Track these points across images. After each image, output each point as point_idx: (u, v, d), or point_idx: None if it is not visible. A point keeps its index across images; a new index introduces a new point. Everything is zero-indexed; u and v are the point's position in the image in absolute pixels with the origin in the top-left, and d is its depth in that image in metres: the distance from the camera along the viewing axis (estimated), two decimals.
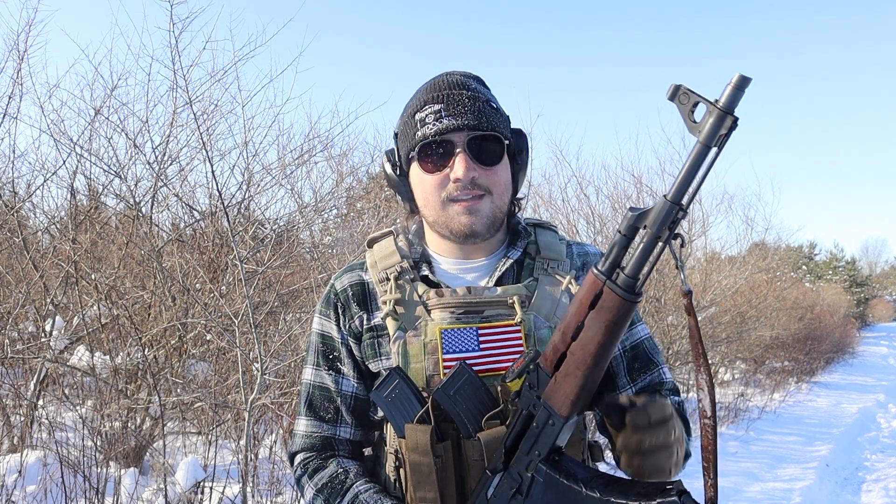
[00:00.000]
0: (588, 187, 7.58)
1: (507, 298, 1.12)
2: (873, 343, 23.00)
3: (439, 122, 1.10)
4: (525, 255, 1.21)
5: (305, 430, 1.22)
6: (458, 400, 1.02)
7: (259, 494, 3.70)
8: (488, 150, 1.12)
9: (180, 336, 4.54)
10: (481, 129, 1.10)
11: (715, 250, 9.58)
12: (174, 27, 3.73)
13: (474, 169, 1.10)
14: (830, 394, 11.32)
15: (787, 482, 5.67)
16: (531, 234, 1.24)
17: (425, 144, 1.11)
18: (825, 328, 15.52)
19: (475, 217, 1.12)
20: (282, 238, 5.27)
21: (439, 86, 1.15)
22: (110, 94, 4.74)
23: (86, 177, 5.14)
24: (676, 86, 0.79)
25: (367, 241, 1.26)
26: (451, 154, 1.11)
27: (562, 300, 1.15)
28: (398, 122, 1.20)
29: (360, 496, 1.11)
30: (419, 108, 1.13)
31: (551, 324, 1.12)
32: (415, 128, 1.13)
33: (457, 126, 1.09)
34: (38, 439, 4.09)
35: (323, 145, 5.47)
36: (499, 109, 1.16)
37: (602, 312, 0.86)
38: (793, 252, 25.65)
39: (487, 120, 1.11)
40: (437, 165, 1.12)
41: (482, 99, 1.13)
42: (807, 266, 32.12)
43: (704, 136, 0.77)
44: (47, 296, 4.50)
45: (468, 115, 1.10)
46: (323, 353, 1.22)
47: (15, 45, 4.39)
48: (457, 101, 1.11)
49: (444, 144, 1.11)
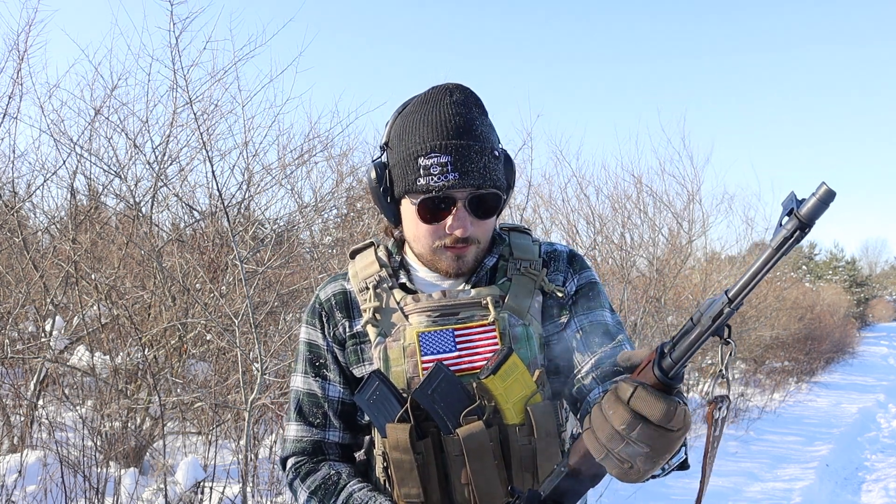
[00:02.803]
0: (588, 187, 7.59)
1: (480, 299, 1.15)
2: (873, 343, 23.00)
3: (444, 177, 1.08)
4: (499, 258, 1.23)
5: (295, 434, 1.25)
6: (436, 398, 1.06)
7: (259, 494, 3.70)
8: (487, 206, 1.13)
9: (180, 336, 4.54)
10: (485, 188, 1.11)
11: (715, 250, 9.59)
12: (174, 27, 3.73)
13: (471, 224, 1.13)
14: (830, 394, 11.33)
15: (787, 482, 5.67)
16: (505, 239, 1.26)
17: (427, 198, 1.11)
18: (825, 328, 15.52)
19: (461, 262, 1.16)
20: (282, 238, 5.27)
21: (446, 130, 1.10)
22: (110, 94, 4.74)
23: (86, 177, 5.14)
24: (791, 193, 0.75)
25: (350, 253, 1.30)
26: (451, 207, 1.12)
27: (535, 299, 1.18)
28: (393, 140, 1.16)
29: (355, 495, 1.14)
30: (424, 152, 1.09)
31: (525, 321, 1.15)
32: (417, 172, 1.10)
33: (462, 184, 1.09)
34: (38, 439, 4.09)
35: (323, 145, 5.49)
36: (499, 157, 1.15)
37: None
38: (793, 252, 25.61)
39: (491, 176, 1.11)
40: (434, 216, 1.13)
41: (487, 150, 1.12)
42: (807, 266, 32.11)
43: (777, 240, 0.74)
44: (47, 296, 4.50)
45: (475, 175, 1.09)
46: (310, 360, 1.26)
47: (15, 45, 4.38)
48: (465, 156, 1.09)
49: (445, 200, 1.11)
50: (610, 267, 7.20)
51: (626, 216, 7.67)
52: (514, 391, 1.06)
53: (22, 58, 4.35)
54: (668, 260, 7.55)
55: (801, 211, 0.71)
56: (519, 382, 1.07)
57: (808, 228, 0.71)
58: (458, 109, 1.12)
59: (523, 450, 1.08)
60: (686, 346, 0.80)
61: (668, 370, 0.81)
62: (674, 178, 7.85)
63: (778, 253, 0.74)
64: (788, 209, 0.73)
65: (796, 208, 0.71)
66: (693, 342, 0.80)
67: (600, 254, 7.30)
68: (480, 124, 1.13)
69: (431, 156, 1.09)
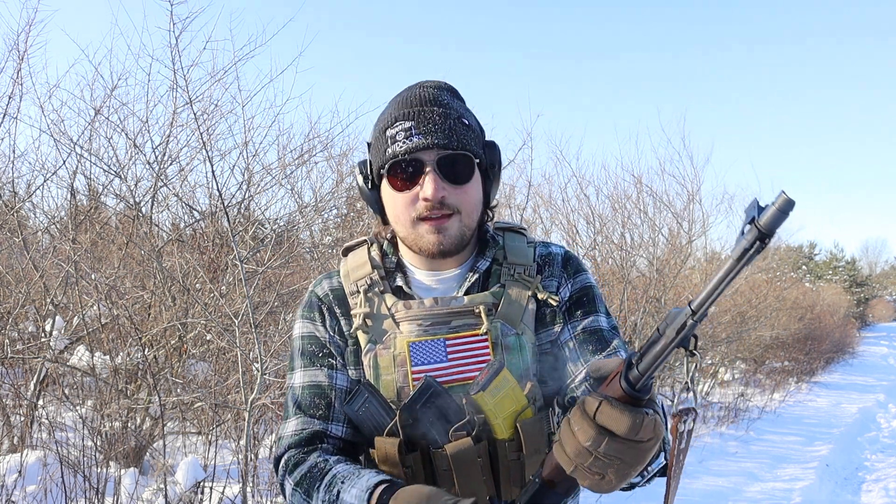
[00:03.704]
0: (588, 187, 7.59)
1: (473, 308, 1.12)
2: (873, 343, 23.01)
3: (409, 140, 1.09)
4: (493, 262, 1.21)
5: (294, 429, 1.16)
6: (425, 413, 1.04)
7: (259, 494, 3.70)
8: (458, 168, 1.11)
9: (180, 336, 4.54)
10: (451, 148, 1.09)
11: (715, 250, 9.58)
12: (174, 27, 3.72)
13: (443, 188, 1.09)
14: (830, 394, 11.33)
15: (787, 482, 5.67)
16: (500, 241, 1.23)
17: (395, 163, 1.10)
18: (825, 328, 15.52)
19: (443, 236, 1.11)
20: (282, 238, 5.27)
21: (410, 101, 1.13)
22: (110, 94, 4.74)
23: (86, 177, 5.15)
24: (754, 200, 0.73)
25: (343, 251, 1.27)
26: (421, 173, 1.10)
27: (528, 306, 1.15)
28: (371, 132, 1.19)
29: (338, 475, 1.07)
30: (390, 123, 1.12)
31: (518, 330, 1.13)
32: (385, 144, 1.11)
33: (426, 145, 1.08)
34: (38, 439, 4.09)
35: (323, 145, 5.49)
36: (471, 126, 1.15)
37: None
38: (793, 252, 25.66)
39: (458, 138, 1.10)
40: (406, 184, 1.11)
41: (454, 116, 1.12)
42: (807, 266, 32.12)
43: (737, 251, 0.73)
44: (47, 296, 4.50)
45: (438, 134, 1.09)
46: (312, 353, 1.19)
47: (15, 45, 4.38)
48: (427, 118, 1.10)
49: (413, 163, 1.09)
50: (610, 267, 7.20)
51: (626, 216, 7.67)
52: (504, 406, 1.04)
53: (22, 58, 4.35)
54: (668, 260, 7.55)
55: (761, 221, 0.69)
56: (509, 398, 1.04)
57: (769, 239, 0.70)
58: (426, 90, 1.15)
59: (512, 465, 1.06)
60: (651, 359, 0.79)
61: (634, 382, 0.80)
62: (674, 178, 7.86)
63: (739, 264, 0.73)
64: (750, 217, 0.71)
65: (757, 217, 0.69)
66: (658, 354, 0.79)
67: (600, 254, 7.30)
68: (449, 100, 1.14)
69: (396, 125, 1.11)
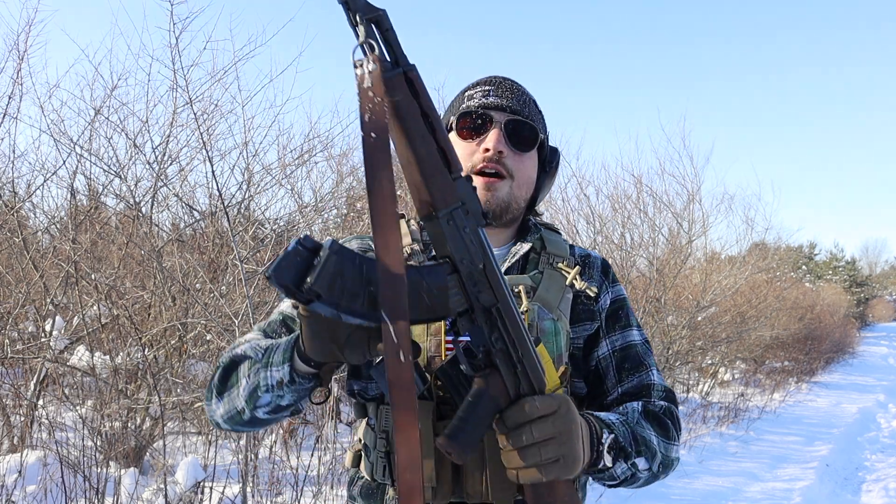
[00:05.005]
0: (588, 187, 7.60)
1: (514, 286, 1.12)
2: (873, 343, 23.00)
3: (485, 98, 1.19)
4: (531, 249, 1.23)
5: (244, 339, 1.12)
6: (461, 379, 0.99)
7: (259, 494, 3.70)
8: (523, 135, 1.18)
9: (180, 336, 4.54)
10: (521, 116, 1.18)
11: (715, 250, 9.59)
12: (174, 27, 3.73)
13: (504, 146, 1.15)
14: (830, 394, 11.32)
15: (787, 482, 5.67)
16: (539, 230, 1.26)
17: (466, 112, 1.18)
18: (825, 328, 15.52)
19: (492, 194, 1.15)
20: (282, 238, 5.26)
21: (493, 77, 1.24)
22: (110, 94, 4.73)
23: (86, 177, 5.14)
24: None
25: None
26: (488, 128, 1.16)
27: (566, 295, 1.16)
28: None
29: (252, 341, 1.05)
30: (471, 86, 1.23)
31: (554, 315, 1.13)
32: (462, 101, 1.21)
33: (500, 105, 1.17)
34: (38, 439, 4.09)
35: (323, 145, 5.48)
36: (541, 112, 1.25)
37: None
38: (793, 252, 25.62)
39: (529, 110, 1.20)
40: (472, 133, 1.17)
41: (529, 96, 1.23)
42: (807, 266, 32.11)
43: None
44: (47, 296, 4.50)
45: (513, 100, 1.19)
46: None
47: (15, 45, 4.38)
48: (506, 87, 1.21)
49: (483, 116, 1.17)
50: None
51: (626, 216, 7.67)
52: None
53: (22, 58, 4.34)
54: (668, 260, 7.55)
55: None
56: (546, 374, 1.01)
57: None
58: (504, 76, 1.27)
59: None
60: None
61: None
62: (674, 178, 7.87)
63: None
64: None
65: None
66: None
67: (600, 254, 7.30)
68: (525, 88, 1.26)
69: (476, 87, 1.22)
